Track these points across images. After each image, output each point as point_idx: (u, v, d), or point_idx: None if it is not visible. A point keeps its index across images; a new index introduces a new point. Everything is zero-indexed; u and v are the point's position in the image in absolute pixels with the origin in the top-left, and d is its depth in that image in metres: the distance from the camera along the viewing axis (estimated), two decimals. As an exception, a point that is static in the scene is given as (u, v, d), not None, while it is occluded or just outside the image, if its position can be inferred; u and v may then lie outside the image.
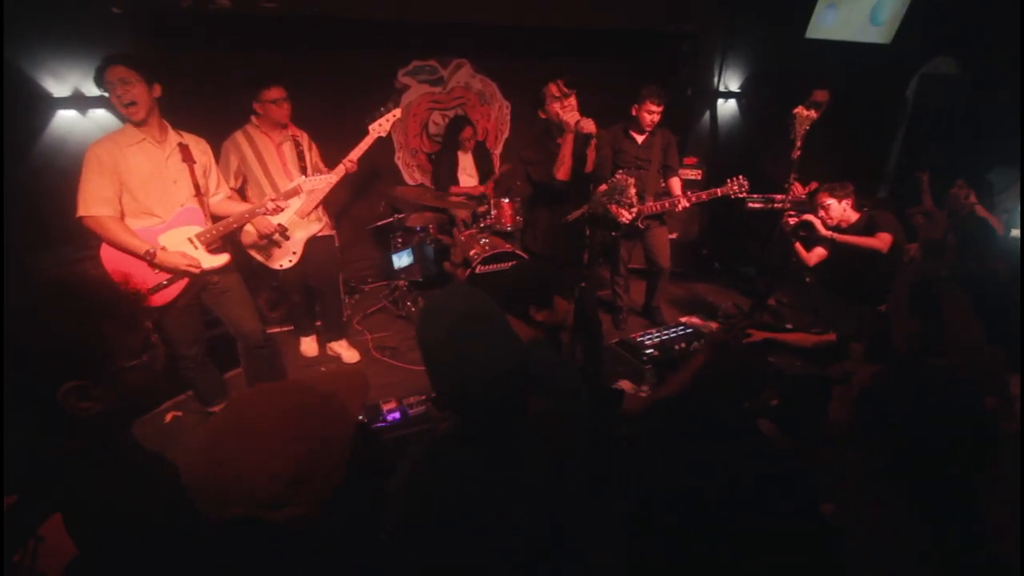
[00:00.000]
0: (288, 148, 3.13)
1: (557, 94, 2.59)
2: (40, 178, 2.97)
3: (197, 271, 2.45)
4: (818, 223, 3.39)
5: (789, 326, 3.72)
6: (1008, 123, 4.52)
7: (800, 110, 3.31)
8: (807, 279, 3.70)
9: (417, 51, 4.52)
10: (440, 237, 4.26)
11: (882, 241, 3.19)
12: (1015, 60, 4.44)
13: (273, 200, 2.73)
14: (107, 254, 2.37)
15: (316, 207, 3.17)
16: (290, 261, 3.22)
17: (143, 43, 3.25)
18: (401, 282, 4.21)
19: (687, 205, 3.66)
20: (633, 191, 2.40)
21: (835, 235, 3.35)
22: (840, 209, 3.31)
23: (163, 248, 2.39)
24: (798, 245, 3.50)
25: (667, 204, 3.72)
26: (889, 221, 3.25)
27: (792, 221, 3.48)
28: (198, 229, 2.51)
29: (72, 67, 3.09)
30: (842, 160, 4.33)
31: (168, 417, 2.99)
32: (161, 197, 2.40)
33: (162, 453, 1.09)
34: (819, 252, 3.47)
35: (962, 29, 5.06)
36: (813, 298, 3.82)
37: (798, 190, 3.93)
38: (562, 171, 2.61)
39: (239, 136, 3.04)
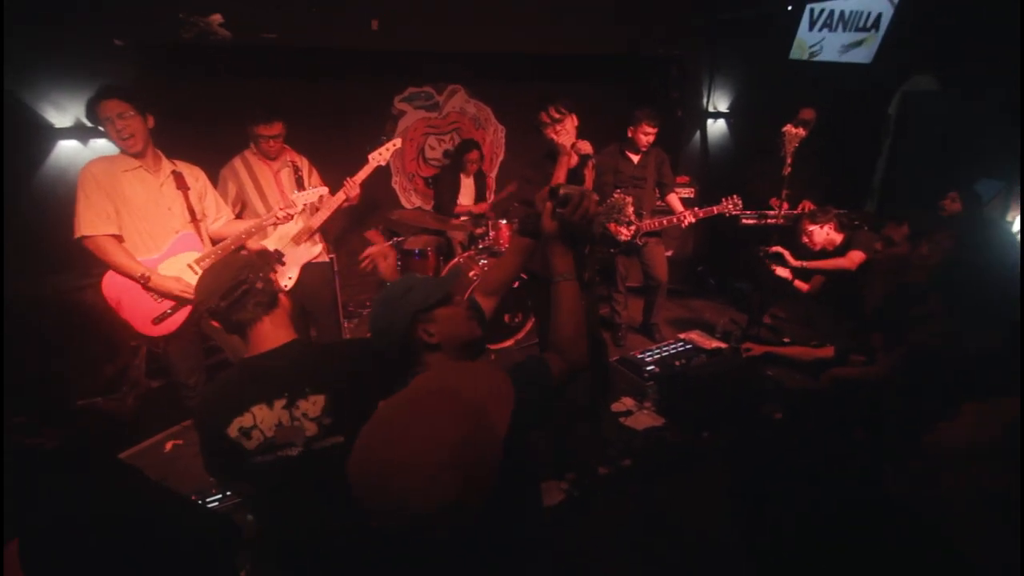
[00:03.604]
0: (286, 175, 3.16)
1: (548, 120, 2.64)
2: (42, 207, 2.98)
3: (192, 297, 2.46)
4: (787, 254, 3.48)
5: (787, 340, 3.77)
6: (989, 136, 4.64)
7: (789, 128, 3.39)
8: (802, 292, 3.76)
9: (412, 78, 4.62)
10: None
11: (851, 260, 3.27)
12: (993, 73, 4.59)
13: (283, 209, 2.74)
14: (108, 284, 2.37)
15: (314, 233, 3.19)
16: (286, 286, 3.22)
17: (145, 74, 3.30)
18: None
19: (692, 221, 3.72)
20: (631, 209, 2.44)
21: (804, 263, 3.45)
22: (823, 234, 3.39)
23: (158, 273, 2.40)
24: (797, 282, 3.61)
25: (667, 221, 3.78)
26: (864, 239, 3.33)
27: (761, 257, 3.58)
28: (196, 255, 2.52)
29: (74, 98, 3.13)
30: (830, 176, 4.44)
31: (168, 446, 2.95)
32: (156, 224, 2.42)
33: (161, 481, 1.07)
34: (817, 278, 3.55)
35: (938, 47, 5.23)
36: (810, 312, 3.87)
37: (807, 205, 4.03)
38: None
39: (237, 163, 3.06)
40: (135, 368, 0.99)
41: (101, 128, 2.29)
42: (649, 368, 3.52)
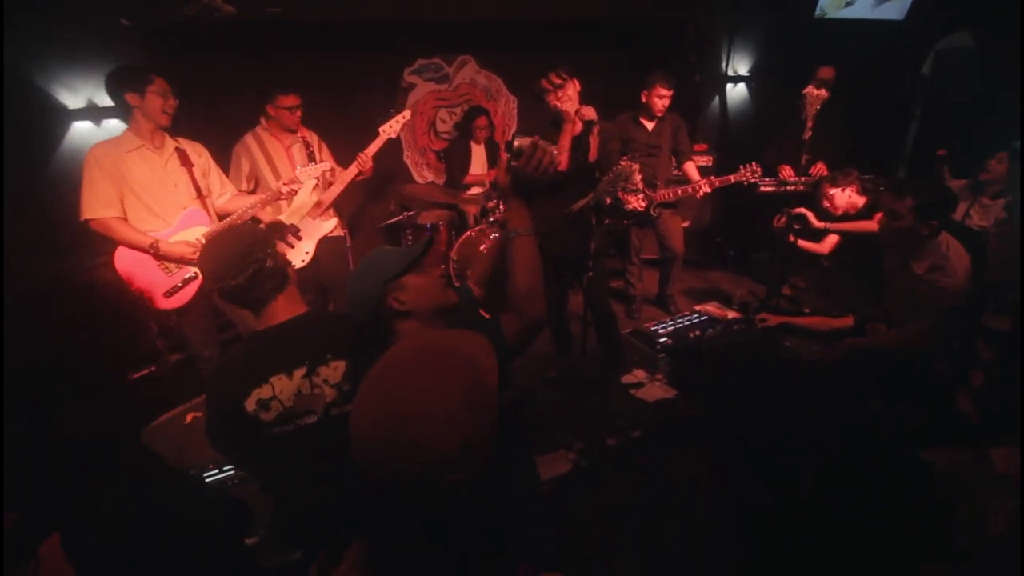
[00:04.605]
0: (298, 150, 3.17)
1: (549, 87, 2.58)
2: (57, 188, 3.04)
3: None
4: (810, 215, 3.32)
5: (807, 311, 3.66)
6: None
7: (810, 90, 3.23)
8: (825, 263, 3.63)
9: (421, 49, 4.54)
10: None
11: (878, 223, 3.12)
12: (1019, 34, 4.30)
13: (287, 184, 2.76)
14: (120, 259, 2.43)
15: (328, 207, 3.20)
16: (303, 261, 3.25)
17: (151, 53, 3.31)
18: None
19: (708, 191, 3.60)
20: (639, 177, 2.37)
21: (828, 224, 3.29)
22: (844, 197, 3.24)
23: (166, 241, 2.45)
24: (802, 242, 3.42)
25: (684, 191, 3.68)
26: (889, 202, 3.17)
27: (782, 221, 3.40)
28: (205, 229, 2.55)
29: (85, 79, 3.16)
30: (856, 140, 4.24)
31: (188, 418, 3.04)
32: (163, 201, 2.46)
33: (181, 462, 1.09)
34: (831, 240, 3.39)
35: (977, 2, 4.91)
36: (831, 281, 3.75)
37: (820, 169, 3.86)
38: (560, 161, 2.59)
39: (249, 139, 3.07)
40: (156, 337, 1.02)
41: (135, 99, 2.36)
42: (662, 340, 3.46)
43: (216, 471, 2.54)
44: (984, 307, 1.89)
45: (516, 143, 1.21)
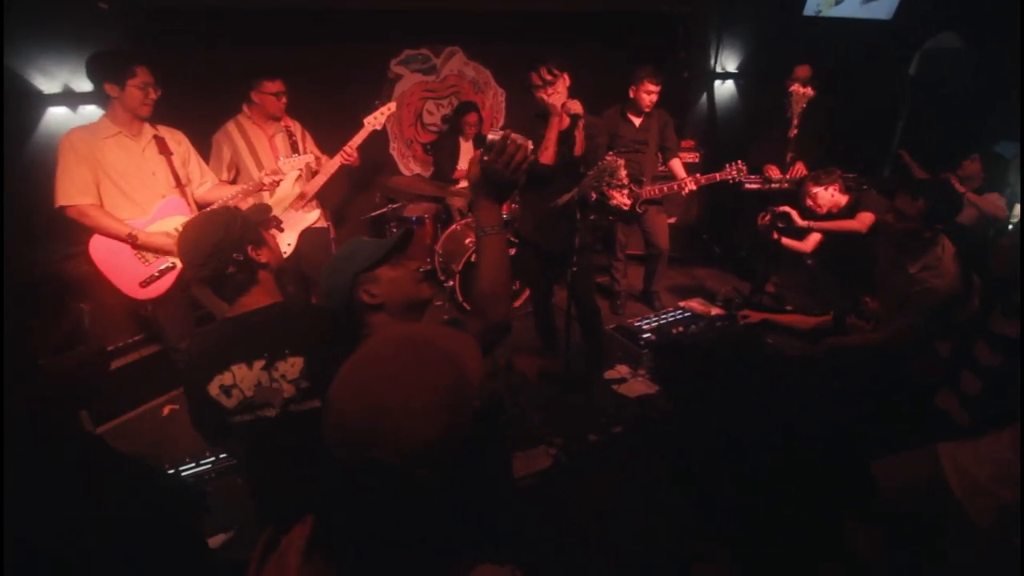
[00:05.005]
0: (281, 139, 3.12)
1: (539, 82, 2.56)
2: (31, 174, 2.97)
3: None
4: (794, 214, 3.34)
5: (789, 308, 3.69)
6: (1015, 97, 4.42)
7: (796, 88, 3.25)
8: (808, 261, 3.65)
9: (408, 40, 4.48)
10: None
11: (861, 222, 3.14)
12: (1017, 35, 4.34)
13: (269, 175, 2.72)
14: (95, 248, 2.38)
15: (311, 199, 3.16)
16: (284, 252, 3.21)
17: (130, 38, 3.23)
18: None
19: (694, 188, 3.59)
20: (624, 172, 2.36)
21: (812, 223, 3.31)
22: (828, 196, 3.25)
23: (145, 231, 2.40)
24: (785, 240, 3.44)
25: (669, 188, 3.67)
26: (873, 200, 3.20)
27: (766, 219, 3.41)
28: (184, 219, 2.51)
29: (61, 64, 3.08)
30: (842, 138, 4.27)
31: (166, 410, 3.01)
32: (141, 189, 2.41)
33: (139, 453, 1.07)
34: (814, 238, 3.41)
35: (964, 2, 4.95)
36: (815, 279, 3.78)
37: (800, 169, 3.88)
38: (546, 155, 2.58)
39: (231, 127, 3.01)
40: (83, 326, 0.98)
41: (114, 90, 2.30)
42: (646, 336, 3.48)
43: (193, 464, 2.52)
44: (991, 309, 1.88)
45: (489, 137, 1.17)
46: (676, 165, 3.80)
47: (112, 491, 0.97)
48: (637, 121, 3.67)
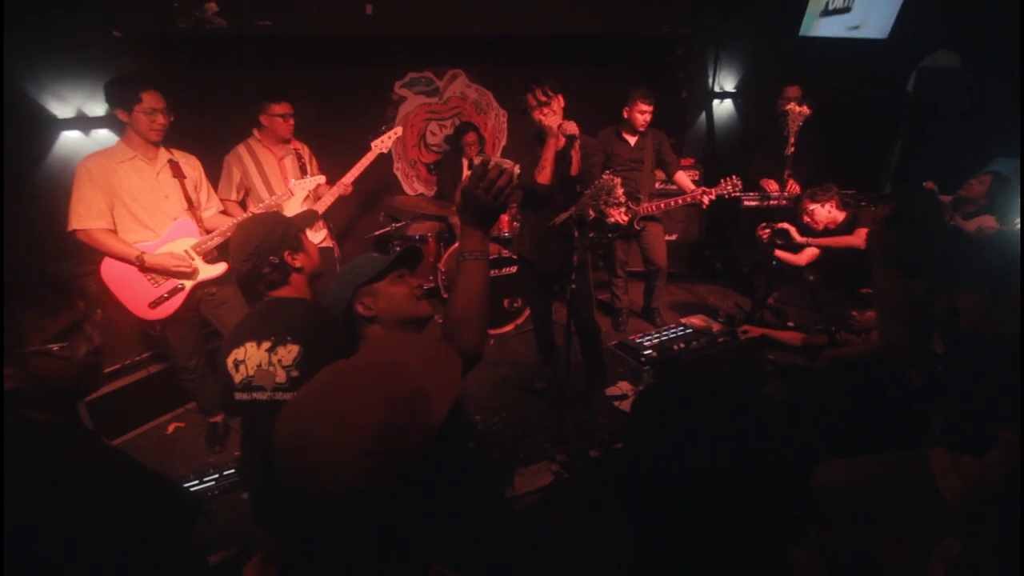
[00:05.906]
0: (290, 161, 3.19)
1: (534, 103, 2.62)
2: (46, 197, 3.05)
3: (189, 270, 2.51)
4: (792, 230, 3.37)
5: (791, 324, 3.70)
6: (1011, 115, 4.46)
7: (792, 106, 3.30)
8: (810, 277, 3.67)
9: (412, 63, 4.59)
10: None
11: (859, 238, 3.17)
12: (1015, 52, 4.40)
13: (276, 197, 2.79)
14: (106, 270, 2.44)
15: (317, 220, 3.21)
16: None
17: (143, 65, 3.34)
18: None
19: (712, 198, 3.63)
20: (620, 191, 2.40)
21: (810, 239, 3.34)
22: (825, 212, 3.29)
23: (152, 253, 2.46)
24: (779, 252, 3.48)
25: (665, 204, 3.73)
26: (869, 217, 3.22)
27: (766, 233, 3.46)
28: (193, 241, 2.56)
29: (75, 89, 3.18)
30: (838, 157, 4.31)
31: (171, 428, 3.04)
32: (153, 211, 2.47)
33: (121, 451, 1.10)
34: (810, 252, 3.44)
35: (960, 21, 5.02)
36: (815, 295, 3.79)
37: (792, 187, 3.92)
38: (543, 175, 2.63)
39: (241, 149, 3.09)
40: (90, 324, 1.01)
41: (124, 115, 2.37)
42: (647, 352, 3.50)
43: (196, 481, 2.54)
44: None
45: (477, 161, 1.20)
46: (683, 178, 3.85)
47: (107, 487, 1.00)
48: (632, 140, 3.73)
